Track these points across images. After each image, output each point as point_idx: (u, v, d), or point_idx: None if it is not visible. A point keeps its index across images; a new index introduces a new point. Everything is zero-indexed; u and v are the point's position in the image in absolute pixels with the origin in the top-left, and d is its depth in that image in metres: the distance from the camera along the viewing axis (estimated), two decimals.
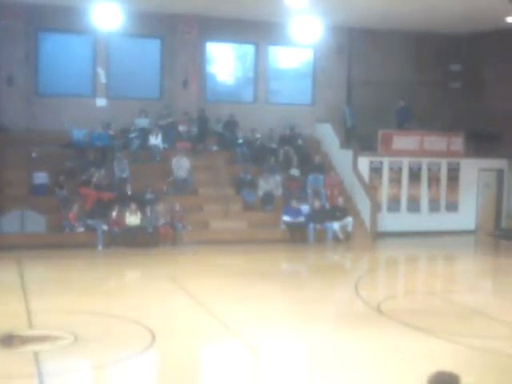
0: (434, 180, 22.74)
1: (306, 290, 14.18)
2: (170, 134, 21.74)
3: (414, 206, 22.52)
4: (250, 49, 23.93)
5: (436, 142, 22.80)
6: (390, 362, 9.26)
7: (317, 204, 20.22)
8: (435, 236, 21.86)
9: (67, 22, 20.96)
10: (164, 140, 21.49)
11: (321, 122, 23.77)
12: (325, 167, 22.01)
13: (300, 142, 22.90)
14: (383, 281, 16.31)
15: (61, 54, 21.92)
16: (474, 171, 23.18)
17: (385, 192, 22.19)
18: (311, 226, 19.72)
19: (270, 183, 20.95)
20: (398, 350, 9.68)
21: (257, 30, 22.93)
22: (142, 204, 18.86)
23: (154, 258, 17.40)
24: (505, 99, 23.20)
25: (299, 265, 17.98)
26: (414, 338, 10.37)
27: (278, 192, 20.95)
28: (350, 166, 21.79)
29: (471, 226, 23.17)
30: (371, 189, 21.49)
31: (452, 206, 22.96)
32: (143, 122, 21.83)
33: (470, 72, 25.19)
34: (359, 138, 22.94)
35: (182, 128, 22.06)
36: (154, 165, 21.00)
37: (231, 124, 22.57)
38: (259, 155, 21.90)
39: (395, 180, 22.33)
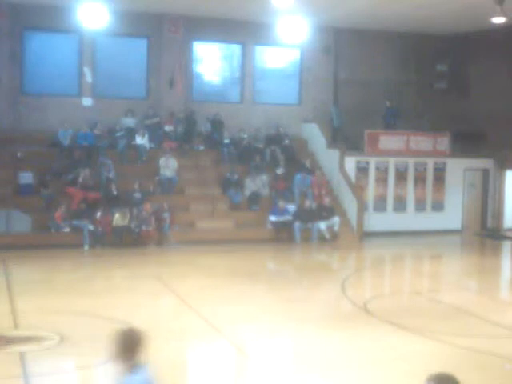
0: (420, 180, 22.83)
1: (293, 290, 14.18)
2: (156, 133, 21.70)
3: (400, 205, 22.59)
4: (236, 49, 23.92)
5: (422, 141, 22.90)
6: (376, 361, 9.29)
7: (307, 203, 20.24)
8: (421, 235, 21.94)
9: (53, 20, 20.87)
10: (150, 140, 21.46)
11: (307, 122, 23.80)
12: (312, 167, 22.02)
13: (287, 141, 22.91)
14: (370, 280, 16.35)
15: (47, 53, 21.82)
16: (459, 171, 23.29)
17: (371, 192, 22.26)
18: (297, 225, 19.74)
19: (257, 183, 20.96)
20: (384, 349, 9.71)
21: (243, 30, 22.92)
22: (127, 204, 18.80)
23: (140, 258, 17.36)
24: (490, 99, 23.33)
25: (286, 264, 17.98)
26: (400, 337, 10.41)
27: (265, 192, 20.96)
28: (337, 166, 21.84)
29: (457, 225, 23.28)
30: (358, 188, 21.54)
31: (438, 206, 23.06)
32: (129, 122, 21.78)
33: (456, 72, 25.30)
34: (346, 138, 23.02)
35: (168, 128, 22.03)
36: (141, 165, 20.95)
37: (216, 123, 22.55)
38: (246, 155, 21.89)
39: (381, 180, 22.40)
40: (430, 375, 4.49)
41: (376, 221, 21.86)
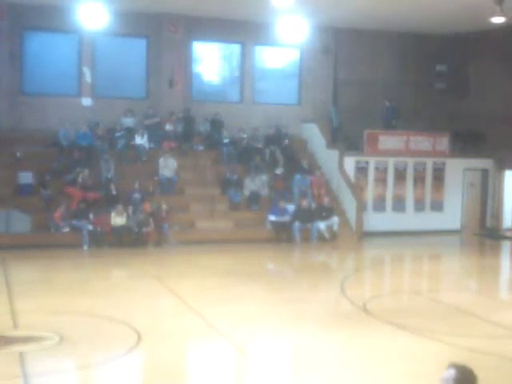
0: (419, 180, 22.84)
1: (293, 290, 14.18)
2: (156, 133, 21.70)
3: (399, 205, 22.60)
4: (236, 48, 23.93)
5: (421, 141, 22.91)
6: (375, 361, 9.29)
7: (305, 203, 20.24)
8: (420, 235, 21.96)
9: (53, 21, 20.88)
10: (150, 140, 21.45)
11: (307, 122, 23.81)
12: (310, 167, 22.03)
13: (286, 141, 22.91)
14: (369, 280, 16.34)
15: (46, 53, 21.83)
16: (459, 171, 23.30)
17: (370, 192, 22.27)
18: (296, 225, 19.74)
19: (257, 183, 20.95)
20: (384, 349, 9.71)
21: (243, 30, 22.93)
22: (126, 204, 18.81)
23: (139, 258, 17.35)
24: (490, 99, 23.36)
25: (285, 265, 17.97)
26: (400, 337, 10.41)
27: (265, 192, 20.96)
28: (336, 166, 21.85)
29: (456, 225, 23.29)
30: (357, 188, 21.55)
31: (437, 206, 23.07)
32: (129, 122, 21.79)
33: (455, 72, 25.32)
34: (345, 138, 23.03)
35: (168, 127, 22.03)
36: (140, 164, 20.95)
37: (216, 123, 22.56)
38: (245, 155, 21.89)
39: (381, 180, 22.41)
40: (452, 362, 4.41)
41: (375, 221, 21.87)
